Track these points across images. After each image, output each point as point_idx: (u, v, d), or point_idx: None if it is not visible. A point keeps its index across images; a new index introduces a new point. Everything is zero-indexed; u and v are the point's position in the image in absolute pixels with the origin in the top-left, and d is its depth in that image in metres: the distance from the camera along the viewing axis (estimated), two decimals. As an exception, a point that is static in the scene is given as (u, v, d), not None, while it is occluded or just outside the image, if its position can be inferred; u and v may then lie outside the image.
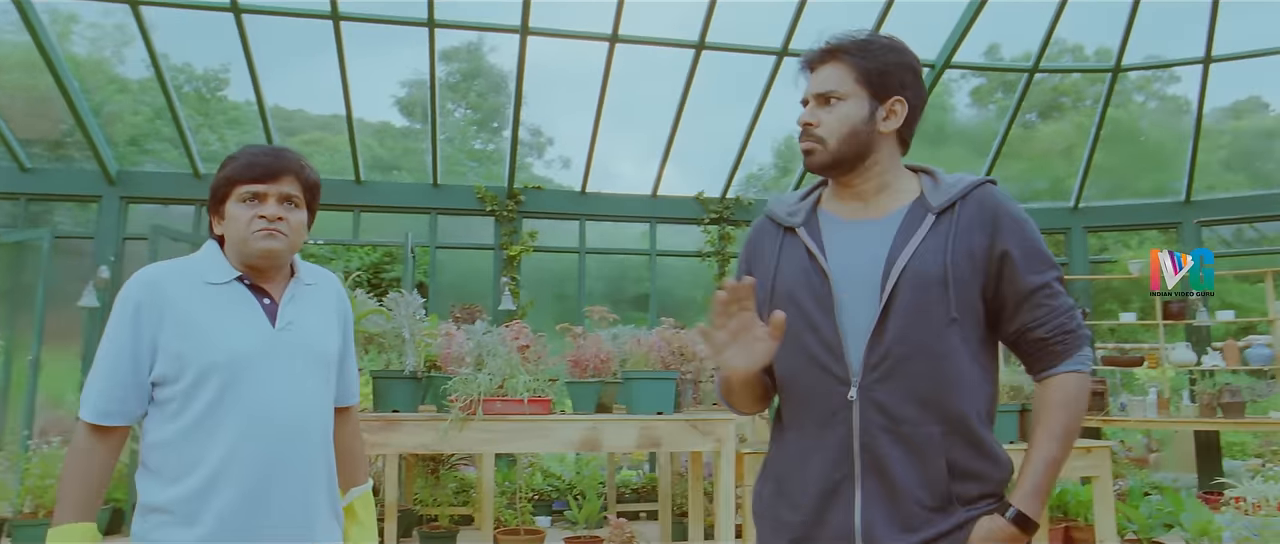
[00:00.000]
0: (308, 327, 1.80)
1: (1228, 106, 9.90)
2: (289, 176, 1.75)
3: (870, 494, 1.43)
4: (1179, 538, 5.13)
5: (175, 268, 1.76)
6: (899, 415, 1.43)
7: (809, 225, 1.58)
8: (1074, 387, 1.48)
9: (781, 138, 15.93)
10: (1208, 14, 6.50)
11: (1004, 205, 1.50)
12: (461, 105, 20.33)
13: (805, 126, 1.57)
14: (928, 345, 1.43)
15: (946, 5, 6.72)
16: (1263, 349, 7.13)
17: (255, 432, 1.67)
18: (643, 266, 8.01)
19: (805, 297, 1.51)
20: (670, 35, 6.61)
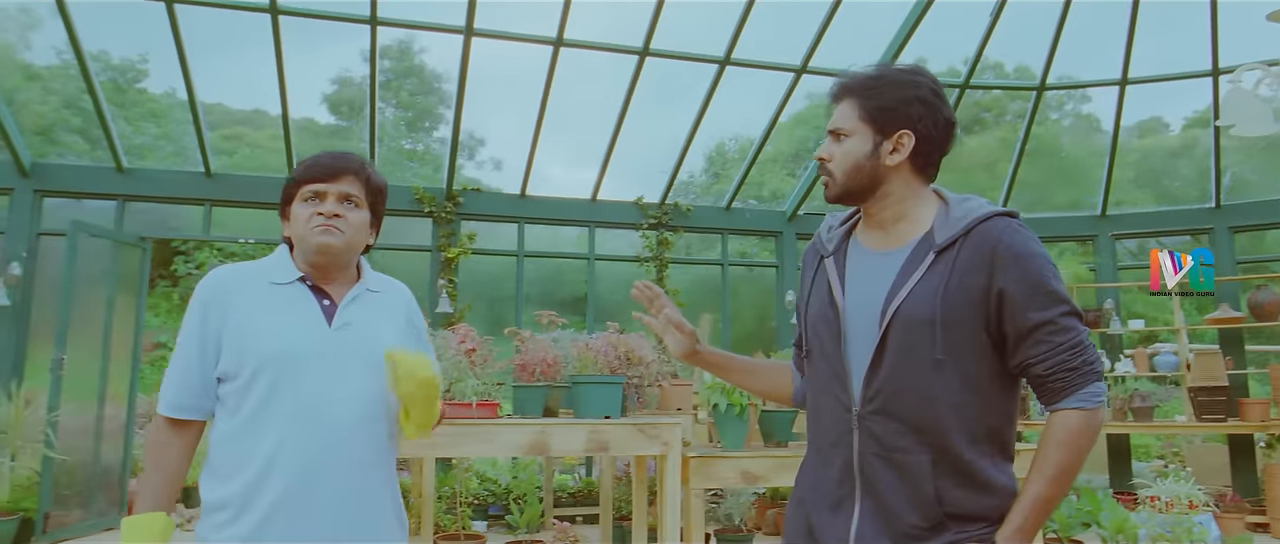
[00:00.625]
0: (366, 329, 1.81)
1: (1133, 126, 10.45)
2: (350, 177, 1.81)
3: (866, 511, 1.54)
4: (1096, 537, 5.39)
5: (244, 268, 1.83)
6: (890, 444, 1.51)
7: (837, 255, 1.68)
8: (1074, 424, 1.47)
9: (712, 145, 16.12)
10: (1125, 37, 6.84)
11: (1004, 242, 1.50)
12: (392, 104, 20.01)
13: (820, 162, 1.68)
14: (915, 383, 1.50)
15: (882, 19, 6.91)
16: (1169, 356, 7.54)
17: (304, 429, 1.70)
18: (581, 270, 8.01)
19: (822, 326, 1.64)
20: (612, 40, 6.63)
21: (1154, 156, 12.67)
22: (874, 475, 1.53)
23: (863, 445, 1.54)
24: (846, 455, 1.56)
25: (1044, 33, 7.01)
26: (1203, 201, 8.01)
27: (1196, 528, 4.12)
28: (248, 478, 1.68)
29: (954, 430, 1.49)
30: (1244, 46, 6.85)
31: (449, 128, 12.32)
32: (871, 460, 1.53)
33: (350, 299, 1.82)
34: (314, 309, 1.79)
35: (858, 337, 1.56)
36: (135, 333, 6.91)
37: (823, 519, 1.60)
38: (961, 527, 1.48)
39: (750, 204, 8.59)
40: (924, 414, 1.49)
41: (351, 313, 1.81)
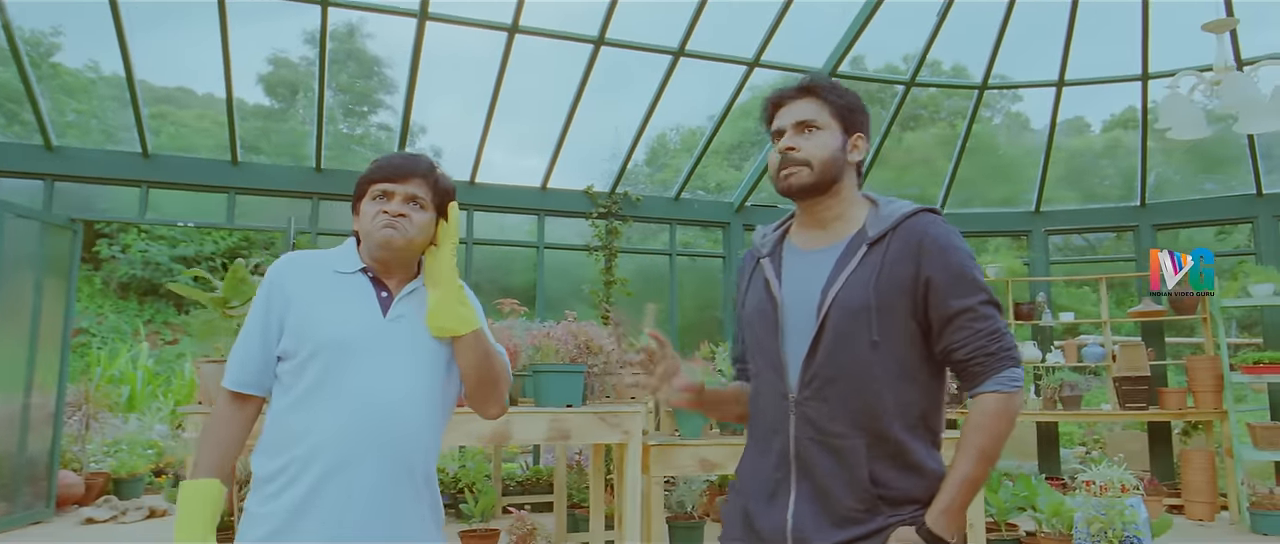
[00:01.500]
0: (418, 323, 1.87)
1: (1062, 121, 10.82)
2: (417, 179, 1.87)
3: (802, 495, 1.61)
4: (1031, 519, 5.62)
5: (312, 255, 1.93)
6: (827, 429, 1.59)
7: (773, 256, 1.76)
8: (993, 406, 1.55)
9: (654, 135, 16.15)
10: (1062, 40, 7.11)
11: (930, 235, 1.60)
12: (330, 88, 19.51)
13: (787, 152, 1.69)
14: (852, 369, 1.57)
15: (830, 15, 7.04)
16: (1096, 348, 7.88)
17: (349, 414, 1.76)
18: (529, 258, 7.98)
19: (759, 322, 1.71)
20: (567, 29, 6.61)
21: (1079, 156, 13.19)
22: (810, 460, 1.59)
23: (799, 431, 1.61)
24: (783, 442, 1.63)
25: (978, 33, 7.23)
26: (1125, 200, 8.39)
27: (1128, 510, 4.34)
28: (294, 455, 1.76)
29: (888, 414, 1.57)
30: (1172, 52, 7.18)
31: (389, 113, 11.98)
32: (808, 445, 1.60)
33: (407, 292, 1.89)
34: (371, 299, 1.86)
35: (795, 328, 1.64)
36: (65, 319, 6.65)
37: (759, 507, 1.66)
38: (894, 509, 1.56)
39: (699, 195, 8.65)
40: (859, 398, 1.57)
41: (406, 306, 1.88)
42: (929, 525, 1.53)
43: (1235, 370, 6.99)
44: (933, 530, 1.52)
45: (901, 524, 1.54)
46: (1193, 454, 7.24)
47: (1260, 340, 8.58)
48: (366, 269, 1.89)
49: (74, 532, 6.10)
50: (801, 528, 1.58)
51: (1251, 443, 6.90)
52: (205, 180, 6.87)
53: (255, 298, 1.88)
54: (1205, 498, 7.11)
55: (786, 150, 1.69)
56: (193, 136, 16.74)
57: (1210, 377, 7.24)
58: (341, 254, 1.92)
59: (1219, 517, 7.14)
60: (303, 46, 15.95)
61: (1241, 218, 7.86)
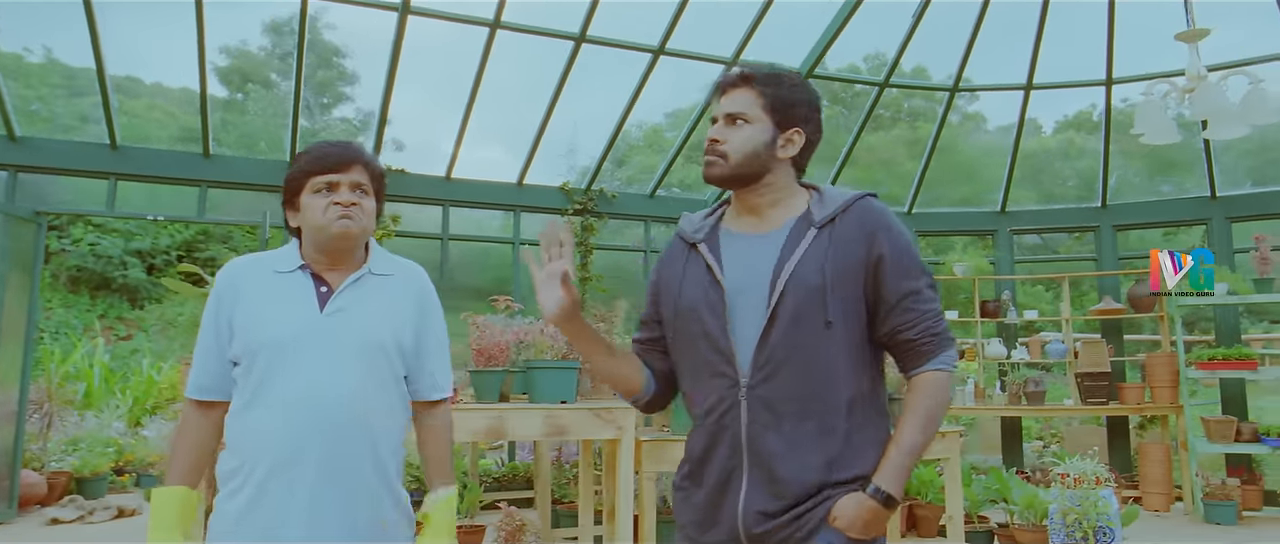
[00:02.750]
0: (360, 314, 1.85)
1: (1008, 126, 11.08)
2: (358, 166, 1.87)
3: (754, 482, 1.60)
4: (1001, 512, 5.78)
5: (254, 258, 1.92)
6: (781, 411, 1.58)
7: (710, 241, 1.73)
8: (937, 383, 1.62)
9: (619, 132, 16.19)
10: (1031, 44, 7.30)
11: (880, 217, 1.64)
12: (288, 79, 19.15)
13: (711, 142, 1.70)
14: (806, 347, 1.58)
15: (809, 16, 7.13)
16: (1059, 345, 8.11)
17: (290, 412, 1.76)
18: (505, 254, 7.96)
19: (703, 307, 1.66)
20: (550, 25, 6.61)
21: (1033, 156, 13.54)
22: (762, 446, 1.58)
23: (751, 416, 1.59)
24: (734, 430, 1.60)
25: (938, 35, 7.37)
26: (1083, 200, 8.64)
27: (1101, 502, 4.50)
28: (245, 456, 1.78)
29: (838, 393, 1.58)
30: (1134, 58, 7.42)
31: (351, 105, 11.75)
32: (760, 431, 1.58)
33: (349, 284, 1.87)
34: (309, 296, 1.85)
35: (743, 312, 1.62)
36: (29, 313, 6.47)
37: (712, 496, 1.64)
38: (846, 487, 1.58)
39: (673, 192, 8.71)
40: (812, 379, 1.57)
41: (347, 298, 1.86)
42: (879, 485, 1.56)
43: (1190, 367, 7.26)
44: (886, 490, 1.56)
45: (846, 494, 1.57)
46: (1150, 447, 7.50)
47: (1211, 338, 8.92)
48: (306, 266, 1.87)
49: (41, 532, 5.95)
50: (749, 514, 1.58)
51: (1205, 436, 7.17)
52: (176, 173, 6.73)
53: (206, 306, 1.88)
54: (1162, 489, 7.37)
55: (710, 141, 1.71)
56: (145, 127, 16.30)
57: (1167, 373, 7.51)
58: (282, 254, 1.92)
59: (1174, 507, 7.41)
60: (261, 37, 15.62)
61: (1196, 219, 8.15)
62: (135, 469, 8.36)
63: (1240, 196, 7.95)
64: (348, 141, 1.92)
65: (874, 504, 1.56)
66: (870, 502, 1.56)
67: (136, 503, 6.85)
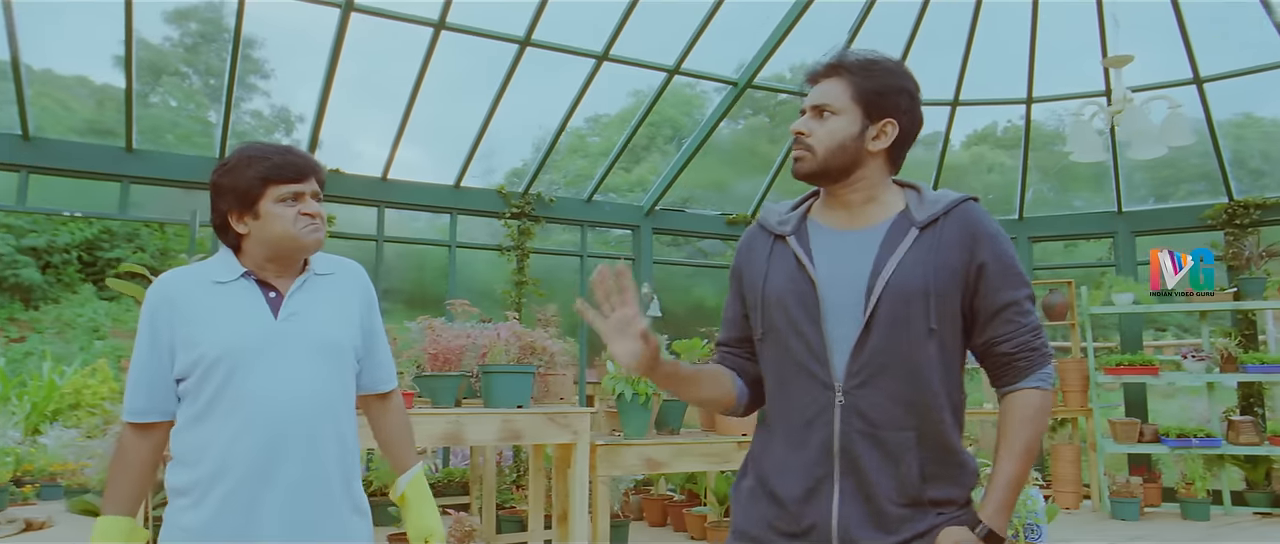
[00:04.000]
0: (314, 317, 1.84)
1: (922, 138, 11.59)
2: (315, 175, 1.87)
3: (846, 493, 1.51)
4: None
5: (186, 272, 1.86)
6: (877, 420, 1.50)
7: (799, 234, 1.64)
8: (1036, 402, 1.54)
9: (541, 134, 16.10)
10: (959, 62, 7.62)
11: (983, 223, 1.56)
12: (197, 71, 18.37)
13: (797, 135, 1.63)
14: (907, 355, 1.50)
15: (755, 24, 7.27)
16: (979, 350, 8.46)
17: (255, 420, 1.73)
18: (442, 257, 7.85)
19: (794, 303, 1.57)
20: (495, 28, 6.56)
21: (946, 171, 14.13)
22: (856, 454, 1.50)
23: (845, 423, 1.51)
24: (825, 435, 1.52)
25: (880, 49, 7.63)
26: (997, 214, 9.06)
27: (1029, 501, 4.73)
28: (203, 469, 1.73)
29: (937, 404, 1.51)
30: (1055, 79, 7.82)
31: (263, 99, 11.37)
32: (855, 439, 1.50)
33: (297, 288, 1.86)
34: (259, 303, 1.82)
35: (838, 312, 1.54)
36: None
37: (795, 506, 1.55)
38: (939, 508, 1.51)
39: (610, 198, 8.74)
40: (912, 387, 1.50)
41: (298, 302, 1.85)
42: (990, 525, 1.50)
43: (1098, 371, 7.69)
44: (993, 530, 1.49)
45: (950, 523, 1.50)
46: (1062, 448, 7.90)
47: (1113, 344, 9.45)
48: (248, 273, 1.84)
49: (-57, 547, 5.58)
50: (847, 528, 1.50)
51: (1111, 437, 7.61)
52: (96, 167, 6.42)
53: (139, 325, 1.83)
54: (1072, 488, 7.78)
55: (796, 134, 1.64)
56: (39, 116, 15.42)
57: (1078, 377, 7.93)
58: (217, 264, 1.86)
59: (1083, 505, 7.83)
60: (164, 27, 14.90)
61: (1104, 232, 8.63)
62: (36, 479, 7.92)
63: (1144, 212, 8.47)
64: (301, 150, 1.90)
65: (979, 541, 1.49)
66: (975, 540, 1.49)
67: (46, 514, 6.50)
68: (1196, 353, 7.55)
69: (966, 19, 7.28)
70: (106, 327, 16.22)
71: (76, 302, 16.46)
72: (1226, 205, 7.98)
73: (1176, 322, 14.08)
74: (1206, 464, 7.42)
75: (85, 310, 16.38)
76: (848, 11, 7.25)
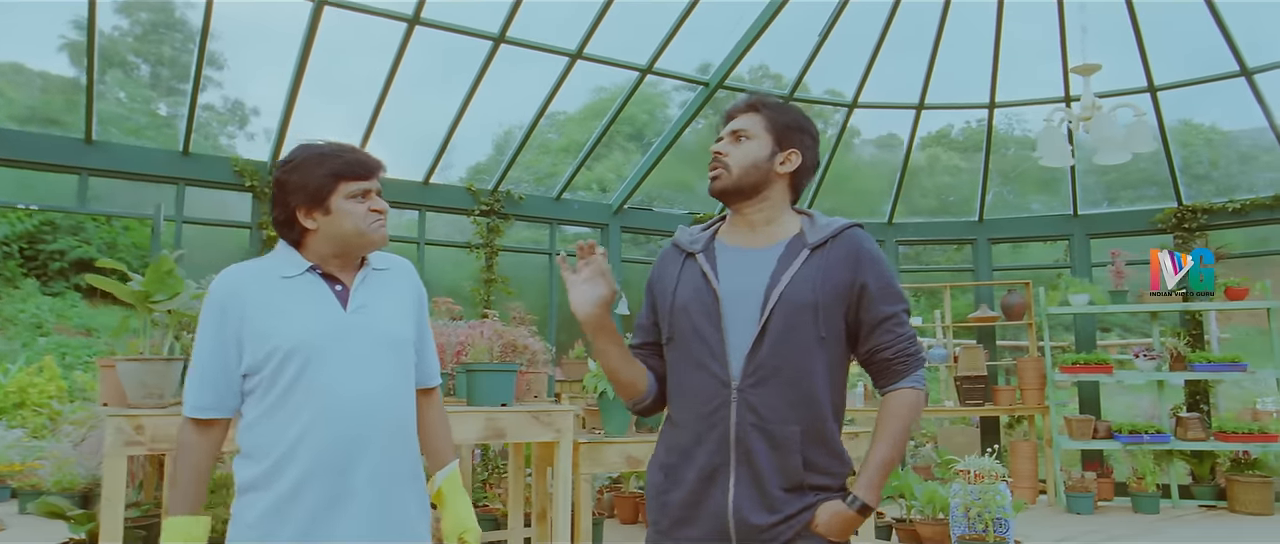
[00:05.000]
0: (380, 310, 1.87)
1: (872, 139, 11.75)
2: (380, 172, 1.91)
3: (741, 479, 1.71)
4: (895, 506, 6.13)
5: (251, 267, 1.88)
6: (767, 416, 1.71)
7: (706, 252, 1.86)
8: (911, 399, 1.79)
9: (501, 131, 16.02)
10: (925, 66, 7.78)
11: (865, 246, 1.81)
12: (147, 61, 17.85)
13: (716, 155, 1.85)
14: (795, 360, 1.72)
15: (726, 25, 7.34)
16: (940, 350, 8.66)
17: (328, 412, 1.76)
18: (411, 254, 7.78)
19: (698, 311, 1.78)
20: (468, 24, 6.52)
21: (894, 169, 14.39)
22: (750, 445, 1.70)
23: (740, 417, 1.70)
24: (723, 428, 1.72)
25: (841, 55, 7.76)
26: (951, 214, 9.27)
27: (998, 495, 4.87)
28: (278, 462, 1.75)
29: (821, 403, 1.74)
30: (1013, 84, 8.03)
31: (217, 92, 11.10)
32: (748, 431, 1.70)
33: (361, 282, 1.89)
34: (328, 296, 1.86)
35: (737, 319, 1.74)
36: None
37: (695, 492, 1.75)
38: (816, 492, 1.74)
39: (580, 196, 8.74)
40: (799, 388, 1.71)
41: (364, 295, 1.89)
42: (862, 497, 1.73)
43: (1055, 370, 7.92)
44: (865, 502, 1.73)
45: (827, 500, 1.73)
46: (1020, 445, 8.12)
47: (1065, 344, 9.73)
48: (314, 267, 1.86)
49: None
50: (741, 509, 1.70)
51: (1067, 434, 7.84)
52: (52, 159, 6.23)
53: (202, 321, 1.83)
54: (1029, 483, 8.00)
55: (714, 154, 1.85)
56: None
57: (1035, 376, 8.16)
58: (279, 259, 1.88)
59: (1039, 499, 8.05)
60: (115, 16, 14.47)
61: (1060, 235, 8.88)
62: (-16, 481, 7.66)
63: (1098, 215, 8.74)
64: (365, 149, 1.96)
65: (852, 513, 1.73)
66: (848, 511, 1.73)
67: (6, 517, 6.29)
68: (1148, 352, 7.81)
69: (933, 24, 7.43)
70: (50, 323, 15.73)
71: (18, 297, 15.93)
72: (1176, 209, 8.27)
73: (1120, 322, 14.50)
74: (1156, 459, 7.68)
75: (27, 306, 15.86)
76: (819, 13, 7.35)
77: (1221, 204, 8.14)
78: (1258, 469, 7.47)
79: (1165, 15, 7.19)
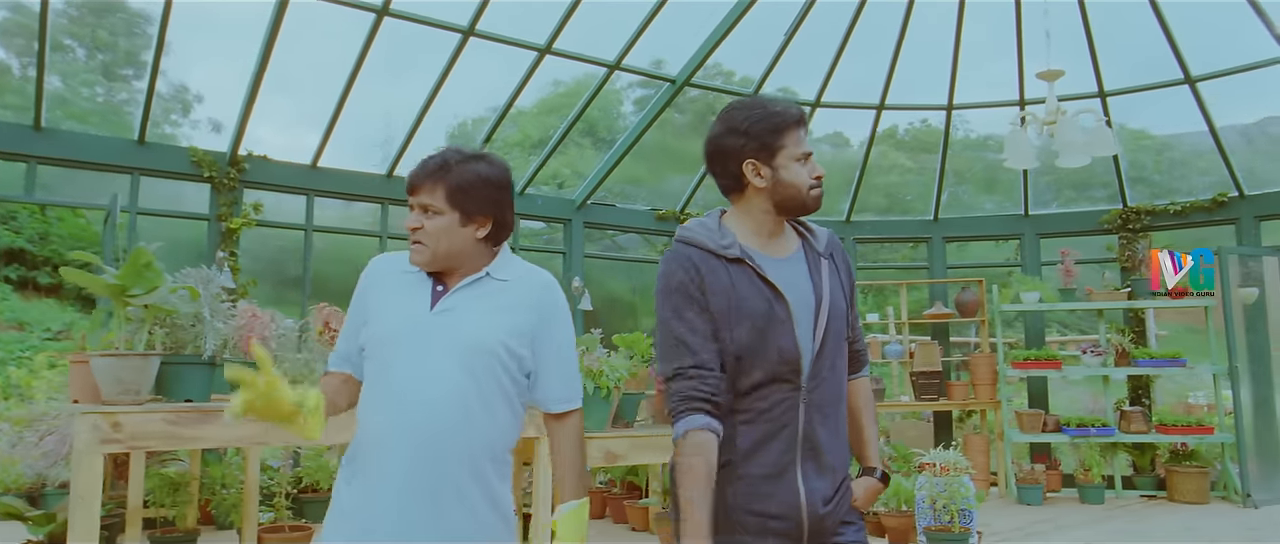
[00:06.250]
0: (468, 315, 1.84)
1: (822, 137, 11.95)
2: (423, 188, 1.85)
3: (808, 473, 1.83)
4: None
5: (395, 257, 1.98)
6: (827, 411, 1.85)
7: (748, 258, 1.82)
8: (870, 386, 2.10)
9: (455, 123, 15.83)
10: (886, 69, 7.93)
11: (844, 251, 2.02)
12: (84, 45, 17.19)
13: (819, 178, 1.88)
14: (836, 361, 1.87)
15: (687, 23, 7.38)
16: (896, 346, 8.85)
17: (389, 406, 1.80)
18: (373, 248, 7.67)
19: (772, 319, 1.78)
20: (438, 16, 6.45)
21: (847, 169, 14.64)
22: (816, 440, 1.83)
23: (808, 416, 1.82)
24: (793, 427, 1.81)
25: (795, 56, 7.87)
26: (906, 213, 9.48)
27: (963, 488, 5.01)
28: (356, 443, 1.86)
29: (845, 397, 1.93)
30: (969, 86, 8.24)
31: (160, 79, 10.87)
32: (816, 429, 1.83)
33: (462, 286, 1.88)
34: (423, 295, 1.87)
35: (803, 326, 1.81)
36: None
37: (768, 487, 1.81)
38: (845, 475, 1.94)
39: (543, 191, 8.71)
40: (839, 385, 1.89)
41: (457, 299, 1.86)
42: (883, 470, 2.02)
43: (1007, 366, 8.16)
44: (884, 472, 2.02)
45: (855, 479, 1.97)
46: (973, 438, 8.35)
47: (1013, 340, 10.03)
48: None
49: None
50: (814, 500, 1.83)
51: (1018, 428, 8.09)
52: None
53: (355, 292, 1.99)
54: (981, 475, 8.22)
55: (819, 178, 1.87)
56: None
57: (988, 371, 8.39)
58: None
59: (991, 491, 8.29)
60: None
61: (1012, 234, 9.15)
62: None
63: (1048, 215, 9.02)
64: (430, 156, 1.88)
65: (878, 484, 2.00)
66: (878, 483, 2.00)
67: None
68: (1094, 348, 8.10)
69: (896, 26, 7.59)
70: (-21, 317, 15.08)
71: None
72: (1121, 211, 8.58)
73: (1058, 319, 15.01)
74: (1101, 451, 7.97)
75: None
76: (785, 13, 7.44)
77: (1163, 206, 8.47)
78: (1194, 460, 7.81)
79: (1114, 24, 7.45)
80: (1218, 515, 6.96)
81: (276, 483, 5.53)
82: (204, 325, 3.65)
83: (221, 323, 3.66)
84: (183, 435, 3.27)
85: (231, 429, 3.38)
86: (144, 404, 3.26)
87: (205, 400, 3.55)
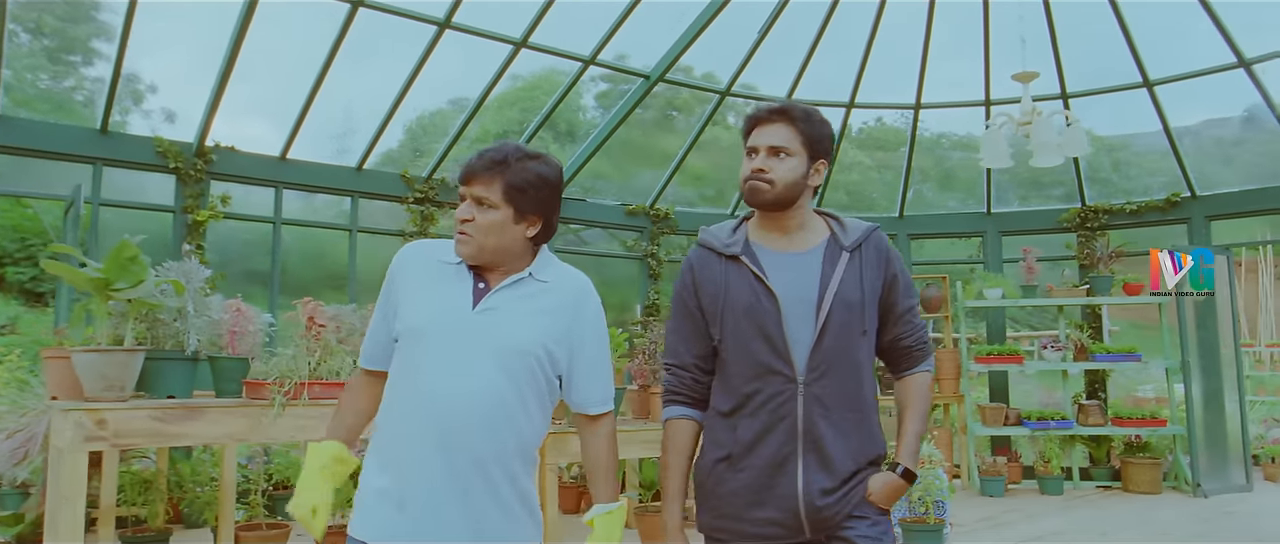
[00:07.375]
0: (508, 317, 1.82)
1: None
2: (480, 180, 1.81)
3: (809, 465, 1.87)
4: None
5: (428, 245, 1.95)
6: (831, 405, 1.87)
7: (748, 255, 1.95)
8: (927, 382, 2.04)
9: (413, 117, 15.61)
10: (856, 68, 8.04)
11: (888, 246, 2.01)
12: (28, 30, 16.59)
13: (757, 171, 1.93)
14: (847, 354, 1.88)
15: (663, 20, 7.40)
16: (863, 340, 8.97)
17: (418, 399, 1.77)
18: (344, 242, 7.55)
19: (759, 314, 1.89)
20: (414, 8, 6.38)
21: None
22: (817, 433, 1.86)
23: (807, 409, 1.85)
24: (791, 420, 1.86)
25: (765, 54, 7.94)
26: (862, 211, 9.63)
27: (937, 480, 5.12)
28: (383, 433, 1.83)
29: (865, 390, 1.93)
30: (934, 85, 8.39)
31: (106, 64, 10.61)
32: (816, 421, 1.86)
33: (506, 285, 1.85)
34: (466, 291, 1.84)
35: (796, 319, 1.87)
36: None
37: (763, 477, 1.88)
38: (868, 467, 1.93)
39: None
40: (852, 378, 1.89)
41: (500, 299, 1.83)
42: (906, 466, 1.96)
43: (970, 361, 8.34)
44: (909, 469, 1.96)
45: (874, 472, 1.93)
46: (936, 431, 8.51)
47: (974, 335, 10.24)
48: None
49: None
50: (811, 492, 1.86)
51: (981, 421, 8.27)
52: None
53: (385, 282, 1.95)
54: (945, 469, 8.38)
55: (755, 170, 1.93)
56: None
57: (952, 366, 8.56)
58: (449, 244, 1.90)
59: (954, 483, 8.45)
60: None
61: (975, 231, 9.34)
62: None
63: (1010, 213, 9.23)
64: (488, 147, 1.85)
65: (899, 481, 1.94)
66: (898, 480, 1.94)
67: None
68: (1054, 343, 8.31)
69: (866, 26, 7.69)
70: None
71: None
72: (1079, 210, 8.82)
73: (1012, 315, 15.36)
74: (1060, 444, 8.19)
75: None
76: (759, 12, 7.50)
77: (1120, 205, 8.72)
78: (1147, 452, 8.07)
79: (1075, 28, 7.64)
80: (1171, 505, 7.20)
81: (251, 480, 5.43)
82: (186, 320, 3.58)
83: (201, 318, 3.60)
84: (169, 432, 3.21)
85: (218, 426, 3.33)
86: (128, 401, 3.19)
87: (187, 396, 3.49)
